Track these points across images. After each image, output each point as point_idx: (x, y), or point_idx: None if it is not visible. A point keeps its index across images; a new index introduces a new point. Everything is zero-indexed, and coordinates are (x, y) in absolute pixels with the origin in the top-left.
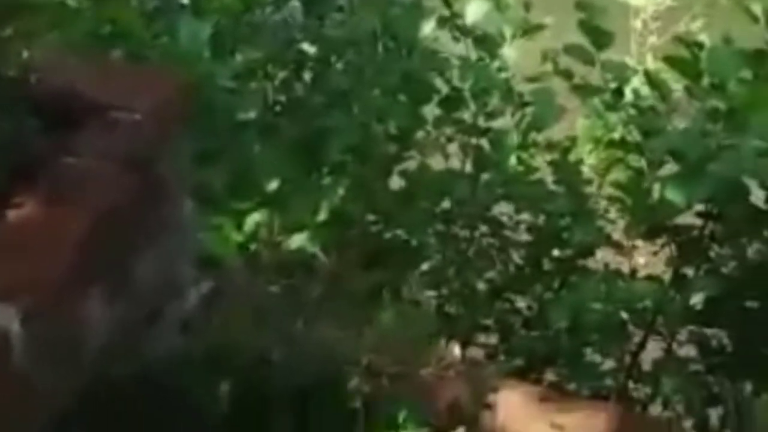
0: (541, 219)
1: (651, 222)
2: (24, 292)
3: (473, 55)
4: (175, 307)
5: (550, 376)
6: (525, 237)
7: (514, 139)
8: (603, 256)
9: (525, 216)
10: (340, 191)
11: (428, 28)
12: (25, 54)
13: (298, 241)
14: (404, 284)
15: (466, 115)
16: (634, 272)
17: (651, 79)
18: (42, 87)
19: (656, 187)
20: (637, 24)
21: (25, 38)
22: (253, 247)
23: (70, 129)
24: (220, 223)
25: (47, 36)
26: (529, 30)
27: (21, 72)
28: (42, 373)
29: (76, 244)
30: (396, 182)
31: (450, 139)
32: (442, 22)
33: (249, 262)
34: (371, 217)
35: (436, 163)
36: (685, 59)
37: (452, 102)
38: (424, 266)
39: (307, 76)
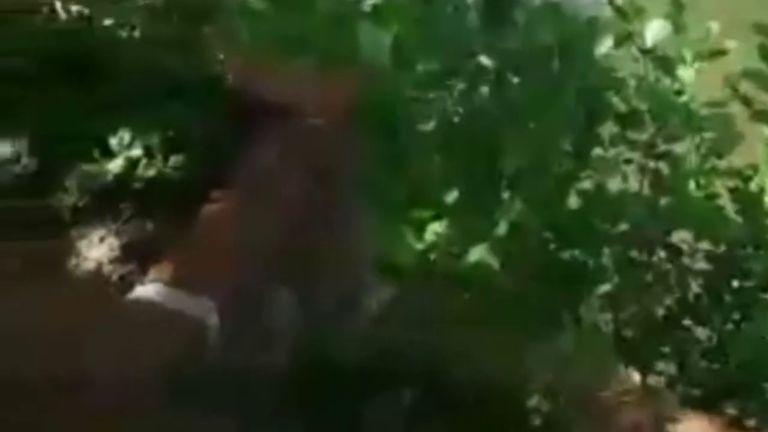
0: (722, 248)
1: None
2: (221, 286)
3: (651, 76)
4: (354, 312)
5: (730, 409)
6: (703, 265)
7: (693, 163)
8: None
9: (704, 244)
10: (518, 206)
11: (606, 46)
12: (219, 55)
13: (476, 253)
14: (581, 305)
15: (644, 136)
16: None
17: None
18: (232, 88)
19: None
20: None
21: (220, 39)
22: (432, 256)
23: (256, 129)
24: (400, 231)
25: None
26: (710, 54)
27: (215, 72)
28: (236, 365)
29: (267, 243)
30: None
31: (627, 160)
32: (620, 41)
33: (428, 271)
34: (547, 235)
35: (612, 183)
36: None
37: (630, 121)
38: (601, 288)
39: (484, 88)
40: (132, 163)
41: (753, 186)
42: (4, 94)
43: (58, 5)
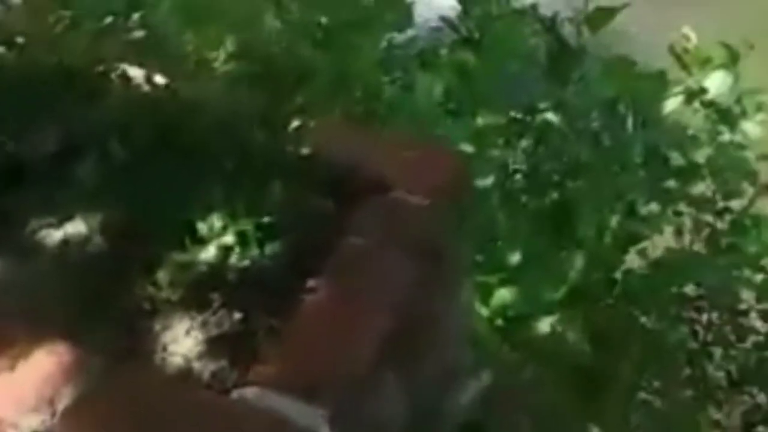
0: None
1: None
2: (329, 390)
3: (712, 129)
4: (452, 400)
5: None
6: (760, 324)
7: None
8: None
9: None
10: (579, 266)
11: (674, 102)
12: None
13: (546, 324)
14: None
15: (702, 191)
16: None
17: None
18: (322, 161)
19: None
20: None
21: (306, 109)
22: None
23: (352, 208)
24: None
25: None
26: None
27: (304, 145)
28: None
29: (373, 338)
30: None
31: (678, 213)
32: (689, 97)
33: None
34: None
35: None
36: None
37: (687, 175)
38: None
39: (548, 144)
40: (225, 251)
41: None
42: (82, 168)
43: (134, 72)
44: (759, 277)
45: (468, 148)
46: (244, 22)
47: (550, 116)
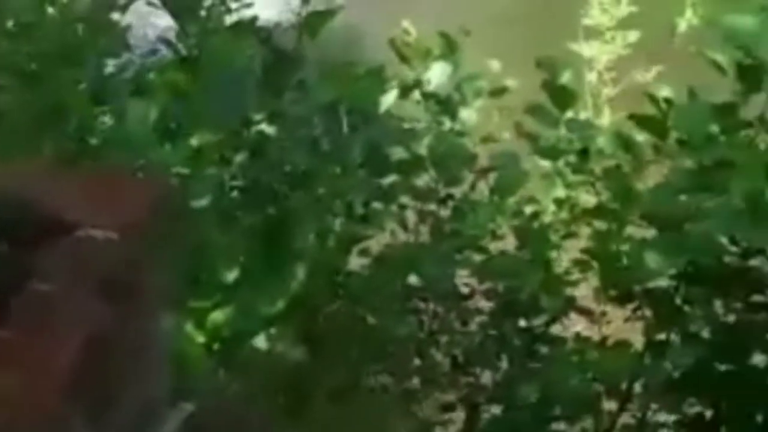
0: (501, 286)
1: (622, 286)
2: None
3: (433, 120)
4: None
5: None
6: (485, 304)
7: (477, 206)
8: (571, 324)
9: (487, 284)
10: (300, 277)
11: (391, 97)
12: None
13: (263, 338)
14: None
15: (426, 182)
16: (604, 340)
17: (620, 138)
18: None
19: (626, 249)
20: (592, 76)
21: None
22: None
23: (34, 251)
24: (180, 324)
25: None
26: (492, 92)
27: None
28: None
29: (56, 376)
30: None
31: (402, 206)
32: (404, 91)
33: (219, 366)
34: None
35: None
36: (652, 116)
37: (410, 168)
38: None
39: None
40: None
41: (537, 222)
42: None
43: None
44: (479, 258)
45: (184, 170)
46: None
47: (266, 128)
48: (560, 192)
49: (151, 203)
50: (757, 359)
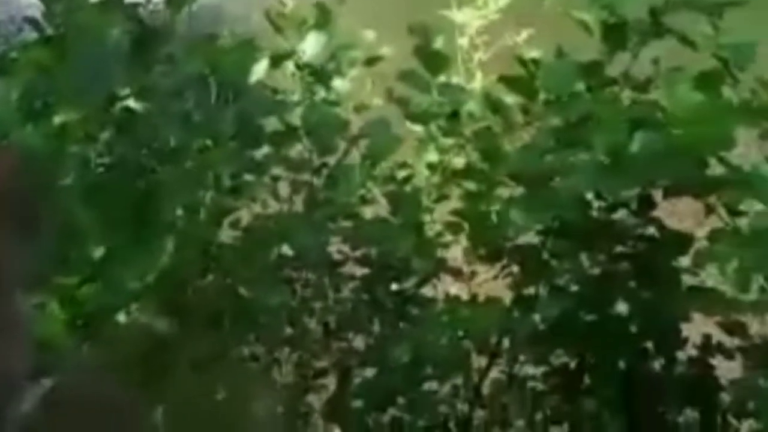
0: (374, 251)
1: (491, 245)
2: None
3: (307, 90)
4: (12, 410)
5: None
6: (359, 270)
7: (350, 173)
8: (443, 285)
9: (360, 250)
10: (169, 250)
11: (261, 67)
12: None
13: (129, 313)
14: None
15: (299, 153)
16: (474, 298)
17: (489, 100)
18: None
19: (495, 209)
20: (463, 41)
21: None
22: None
23: None
24: (44, 302)
25: None
26: (366, 61)
27: None
28: None
29: None
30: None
31: (275, 178)
32: (276, 61)
33: (83, 342)
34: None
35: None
36: (520, 77)
37: (283, 139)
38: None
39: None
40: None
41: (410, 186)
42: None
43: None
44: (349, 224)
45: (47, 148)
46: None
47: (133, 104)
48: (433, 156)
49: (6, 176)
50: (621, 308)
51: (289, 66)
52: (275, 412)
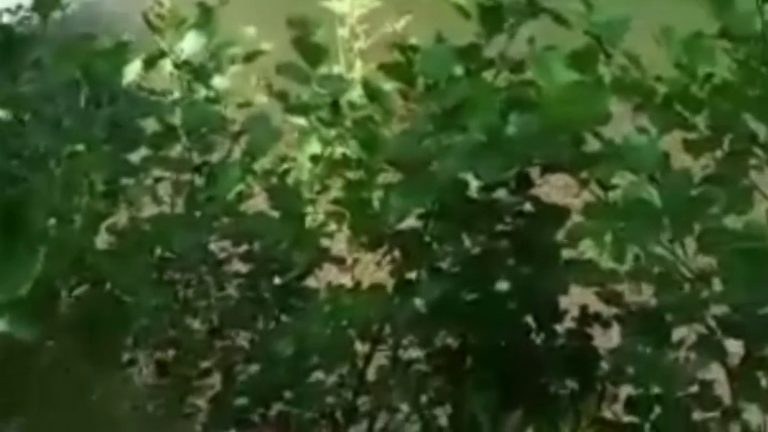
0: (257, 246)
1: (373, 232)
2: None
3: (186, 89)
4: None
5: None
6: (241, 267)
7: (229, 169)
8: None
9: (242, 247)
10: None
11: (134, 69)
12: None
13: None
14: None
15: (178, 153)
16: (357, 285)
17: (368, 88)
18: None
19: (376, 197)
20: (344, 31)
21: None
22: None
23: None
24: None
25: None
26: (246, 57)
27: None
28: None
29: None
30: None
31: (157, 179)
32: (150, 62)
33: None
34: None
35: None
36: (399, 64)
37: (162, 140)
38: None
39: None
40: None
41: (291, 179)
42: None
43: None
44: (227, 221)
45: None
46: None
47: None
48: (315, 148)
49: None
50: (502, 286)
51: (167, 66)
52: (147, 415)
